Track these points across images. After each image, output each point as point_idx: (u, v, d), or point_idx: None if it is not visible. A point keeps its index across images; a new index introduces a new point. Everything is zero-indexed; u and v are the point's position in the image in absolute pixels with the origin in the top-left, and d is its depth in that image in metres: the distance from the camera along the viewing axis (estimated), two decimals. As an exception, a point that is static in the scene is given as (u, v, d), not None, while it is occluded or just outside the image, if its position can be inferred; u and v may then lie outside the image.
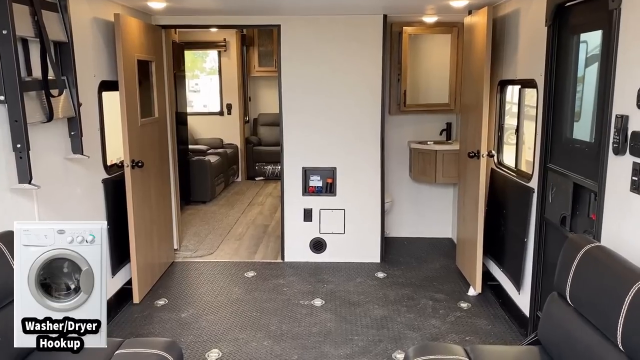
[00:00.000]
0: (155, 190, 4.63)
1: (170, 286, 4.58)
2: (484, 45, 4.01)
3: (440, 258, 5.27)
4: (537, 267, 3.47)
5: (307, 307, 4.16)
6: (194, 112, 9.58)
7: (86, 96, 3.64)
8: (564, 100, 3.18)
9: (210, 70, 9.79)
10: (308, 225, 5.18)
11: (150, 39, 4.60)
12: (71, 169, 3.45)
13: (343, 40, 4.90)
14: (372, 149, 5.03)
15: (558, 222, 3.16)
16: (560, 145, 3.24)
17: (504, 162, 4.36)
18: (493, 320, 3.95)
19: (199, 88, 10.60)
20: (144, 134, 4.37)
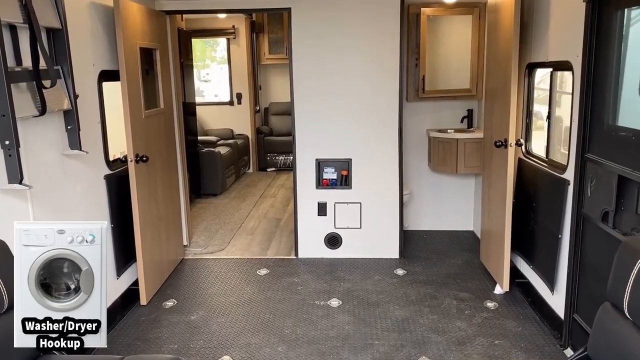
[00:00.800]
0: (162, 185, 4.40)
1: (180, 286, 4.37)
2: (512, 25, 3.70)
3: (463, 253, 4.99)
4: (574, 266, 3.19)
5: (323, 308, 3.92)
6: (205, 102, 9.35)
7: (84, 87, 3.41)
8: (606, 84, 2.87)
9: (221, 59, 9.54)
10: (322, 220, 4.92)
11: (153, 25, 4.34)
12: (69, 165, 3.23)
13: (357, 23, 4.60)
14: (389, 139, 4.75)
15: (599, 218, 2.86)
16: (601, 134, 2.94)
17: (533, 151, 4.05)
18: (523, 321, 3.68)
19: (210, 78, 10.37)
20: (149, 126, 4.14)
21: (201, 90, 10.49)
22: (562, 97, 3.77)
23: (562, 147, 3.68)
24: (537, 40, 3.81)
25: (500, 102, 4.02)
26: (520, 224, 3.98)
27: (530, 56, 3.91)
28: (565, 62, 3.30)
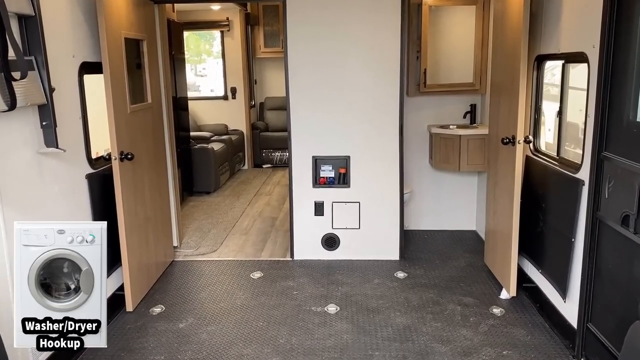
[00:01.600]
0: (149, 184, 4.16)
1: (168, 290, 4.14)
2: (521, 14, 3.47)
3: (466, 254, 4.78)
4: (588, 273, 2.97)
5: (320, 315, 3.70)
6: (198, 96, 9.12)
7: (63, 80, 3.17)
8: (627, 77, 2.64)
9: (217, 54, 9.28)
10: (319, 220, 4.69)
11: (140, 15, 4.09)
12: (45, 164, 2.99)
13: (356, 13, 4.35)
14: (389, 135, 4.52)
15: (618, 222, 2.65)
16: (620, 131, 2.72)
17: (542, 149, 3.83)
18: (532, 329, 3.46)
19: (206, 72, 10.14)
20: (135, 122, 3.90)
21: (197, 84, 10.25)
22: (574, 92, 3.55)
23: (573, 144, 3.47)
24: (547, 31, 3.58)
25: (507, 97, 3.79)
26: (528, 225, 3.76)
27: (540, 48, 3.68)
28: (579, 54, 3.07)
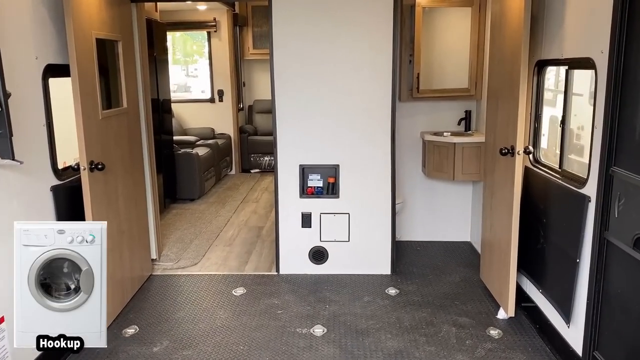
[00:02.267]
0: (124, 195, 3.89)
1: (144, 308, 3.87)
2: (521, 17, 3.25)
3: (460, 268, 4.55)
4: (595, 297, 2.74)
5: (305, 338, 3.45)
6: (182, 99, 8.85)
7: (24, 84, 2.89)
8: (639, 85, 2.42)
9: (207, 54, 8.99)
10: (307, 232, 4.44)
11: (115, 14, 3.82)
12: (1, 178, 2.71)
13: (346, 14, 4.11)
14: (381, 143, 4.28)
15: (630, 244, 2.42)
16: (631, 144, 2.49)
17: (543, 160, 3.60)
18: (532, 354, 3.23)
19: (197, 73, 9.89)
20: (107, 129, 3.62)
21: (188, 85, 9.99)
22: (576, 99, 3.33)
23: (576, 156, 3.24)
24: (549, 35, 3.35)
25: (506, 104, 3.57)
26: (527, 241, 3.53)
27: (541, 52, 3.45)
28: (585, 60, 2.85)
